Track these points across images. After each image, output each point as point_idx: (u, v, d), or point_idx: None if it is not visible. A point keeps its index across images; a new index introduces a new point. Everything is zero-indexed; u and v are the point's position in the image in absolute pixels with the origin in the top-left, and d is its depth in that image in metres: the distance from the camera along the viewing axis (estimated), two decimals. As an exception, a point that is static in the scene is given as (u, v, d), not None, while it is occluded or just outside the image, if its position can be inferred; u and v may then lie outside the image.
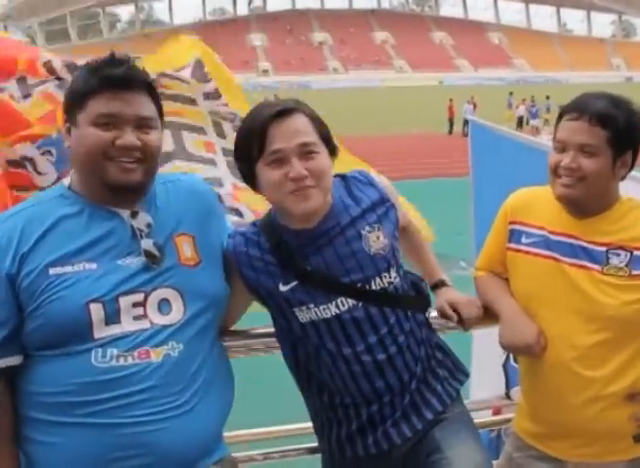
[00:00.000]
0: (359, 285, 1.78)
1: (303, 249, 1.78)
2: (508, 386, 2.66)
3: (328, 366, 1.83)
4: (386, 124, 31.47)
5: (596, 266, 1.86)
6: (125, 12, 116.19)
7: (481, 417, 3.21)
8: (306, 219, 1.76)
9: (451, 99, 29.04)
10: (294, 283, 1.78)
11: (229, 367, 1.84)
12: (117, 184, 1.63)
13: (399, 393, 1.85)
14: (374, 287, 1.80)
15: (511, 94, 33.14)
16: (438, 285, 2.03)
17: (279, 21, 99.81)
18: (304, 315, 1.80)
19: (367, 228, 1.81)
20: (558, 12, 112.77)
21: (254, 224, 1.87)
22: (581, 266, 1.87)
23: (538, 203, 2.01)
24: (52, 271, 1.57)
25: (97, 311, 1.57)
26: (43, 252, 1.58)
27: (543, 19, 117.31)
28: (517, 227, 2.01)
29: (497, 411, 3.19)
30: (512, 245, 2.01)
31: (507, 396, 2.68)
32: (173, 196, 1.76)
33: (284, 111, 1.70)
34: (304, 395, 1.95)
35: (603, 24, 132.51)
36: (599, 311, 1.84)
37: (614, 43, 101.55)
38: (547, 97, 31.06)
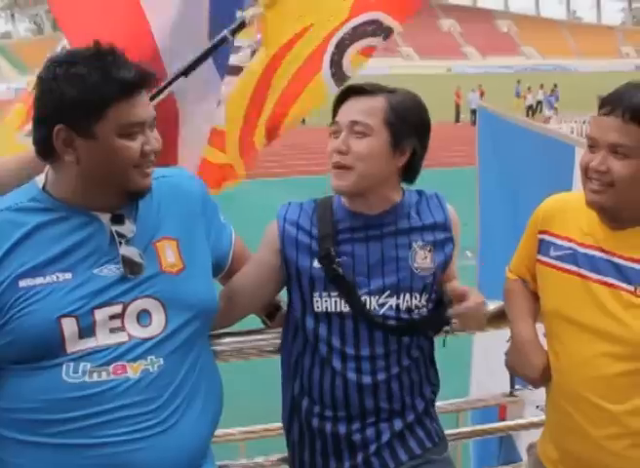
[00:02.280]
0: (388, 292, 1.72)
1: (353, 233, 1.75)
2: (513, 385, 2.59)
3: (322, 363, 1.74)
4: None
5: (628, 286, 1.63)
6: None
7: (486, 414, 3.19)
8: (350, 199, 1.75)
9: (458, 87, 28.86)
10: None
11: (217, 375, 1.73)
12: (138, 190, 1.53)
13: (388, 418, 1.76)
14: (401, 302, 1.73)
15: (519, 82, 32.89)
16: None
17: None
18: (322, 304, 1.73)
19: (420, 243, 1.76)
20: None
21: (314, 200, 1.84)
22: (611, 285, 1.65)
23: (570, 210, 1.78)
24: (22, 284, 1.45)
25: (69, 325, 1.45)
26: (14, 264, 1.45)
27: (552, 6, 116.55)
28: (547, 238, 1.80)
29: (502, 410, 3.15)
30: (541, 257, 1.81)
31: (511, 394, 2.62)
32: (155, 196, 1.62)
33: (361, 90, 1.72)
34: (284, 404, 1.86)
35: (613, 12, 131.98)
36: (627, 337, 1.62)
37: (623, 31, 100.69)
38: (555, 86, 30.85)
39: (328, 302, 1.73)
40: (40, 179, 1.56)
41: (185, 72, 2.43)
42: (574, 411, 1.73)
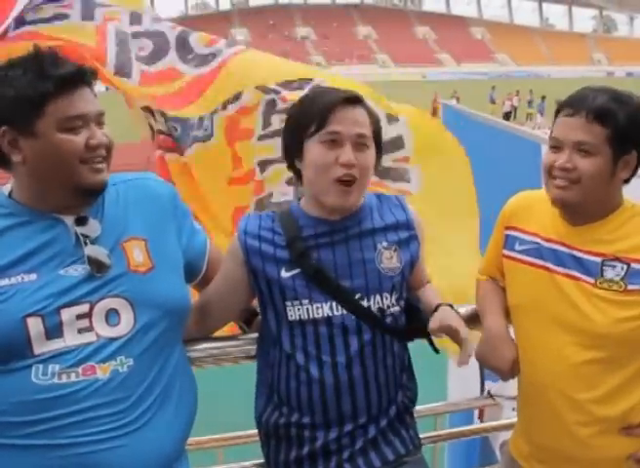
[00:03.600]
0: (358, 295, 1.73)
1: (318, 238, 1.75)
2: (483, 388, 2.62)
3: (299, 372, 1.74)
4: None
5: (589, 278, 1.71)
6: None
7: (464, 417, 3.21)
8: (340, 212, 1.75)
9: (435, 94, 29.04)
10: (296, 270, 1.72)
11: (191, 378, 1.73)
12: (90, 187, 1.53)
13: (363, 425, 1.76)
14: (372, 303, 1.74)
15: (493, 88, 33.17)
16: (436, 309, 1.87)
17: (262, 16, 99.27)
18: (295, 312, 1.74)
19: (384, 243, 1.78)
20: (540, 6, 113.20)
21: (271, 211, 1.85)
22: (574, 277, 1.73)
23: (535, 207, 1.86)
24: None
25: (35, 325, 1.44)
26: None
27: (526, 13, 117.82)
28: (512, 233, 1.88)
29: (481, 414, 3.17)
30: (506, 251, 1.89)
31: (489, 395, 2.65)
32: (122, 198, 1.64)
33: (352, 99, 1.72)
34: (260, 411, 1.85)
35: (584, 19, 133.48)
36: (590, 327, 1.69)
37: (595, 38, 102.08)
38: (531, 92, 31.18)
39: (301, 311, 1.73)
40: (7, 187, 1.58)
41: None
42: (542, 402, 1.78)
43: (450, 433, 2.58)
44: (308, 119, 1.71)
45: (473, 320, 2.00)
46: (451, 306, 1.84)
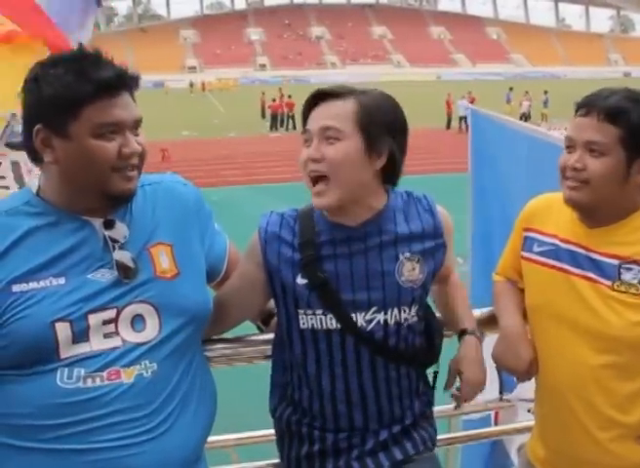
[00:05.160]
0: (374, 308, 1.66)
1: (335, 247, 1.67)
2: (502, 391, 2.60)
3: (310, 381, 1.72)
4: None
5: (606, 281, 1.67)
6: (122, 6, 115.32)
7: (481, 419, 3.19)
8: (331, 214, 1.67)
9: (449, 95, 28.97)
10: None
11: (211, 379, 1.73)
12: (119, 195, 1.51)
13: (374, 431, 1.73)
14: (389, 317, 1.67)
15: (511, 89, 33.00)
16: (462, 333, 1.83)
17: (277, 16, 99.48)
18: (307, 321, 1.68)
19: (407, 254, 1.67)
20: (556, 6, 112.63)
21: (295, 209, 1.76)
22: (590, 279, 1.69)
23: (554, 209, 1.82)
24: (15, 288, 1.44)
25: (63, 330, 1.44)
26: (6, 268, 1.45)
27: (542, 13, 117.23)
28: (531, 235, 1.85)
29: (496, 416, 3.15)
30: (525, 253, 1.85)
31: (502, 399, 2.62)
32: (150, 201, 1.62)
33: (329, 94, 1.64)
34: (274, 405, 1.84)
35: (601, 20, 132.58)
36: (605, 330, 1.66)
37: (612, 38, 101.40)
38: (545, 92, 31.00)
39: (313, 320, 1.67)
40: (35, 184, 1.57)
41: None
42: (559, 405, 1.76)
43: (466, 435, 2.55)
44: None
45: (490, 322, 1.97)
46: (476, 335, 1.79)
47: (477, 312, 2.01)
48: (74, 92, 1.42)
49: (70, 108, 1.43)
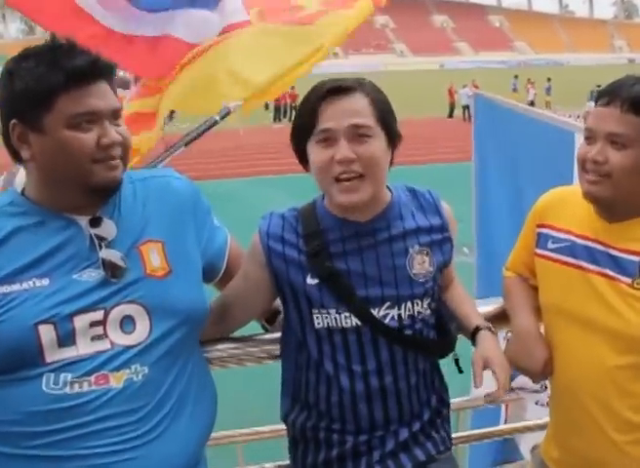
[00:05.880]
0: (388, 303, 1.63)
1: (344, 243, 1.63)
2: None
3: (329, 380, 1.66)
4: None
5: (625, 278, 1.60)
6: None
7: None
8: (352, 211, 1.61)
9: (451, 83, 28.84)
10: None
11: (209, 380, 1.67)
12: (102, 185, 1.44)
13: (395, 431, 1.70)
14: (402, 311, 1.64)
15: (516, 77, 32.83)
16: (475, 331, 1.78)
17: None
18: (322, 320, 1.63)
19: (416, 247, 1.65)
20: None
21: (294, 209, 1.71)
22: (609, 276, 1.62)
23: (569, 203, 1.75)
24: None
25: (47, 333, 1.37)
26: None
27: (544, 0, 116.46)
28: (545, 231, 1.77)
29: (507, 406, 3.12)
30: (539, 250, 1.78)
31: (511, 388, 2.59)
32: (140, 197, 1.55)
33: (340, 89, 1.56)
34: (286, 411, 1.78)
35: (605, 6, 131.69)
36: (624, 329, 1.59)
37: (616, 24, 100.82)
38: (549, 80, 30.84)
39: (328, 318, 1.63)
40: (21, 183, 1.52)
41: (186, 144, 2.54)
42: (575, 406, 1.70)
43: (480, 433, 2.50)
44: (301, 122, 1.60)
45: (500, 318, 1.92)
46: (490, 329, 1.75)
47: (489, 308, 1.96)
48: (46, 83, 1.37)
49: (43, 100, 1.38)
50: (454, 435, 1.92)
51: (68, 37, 1.44)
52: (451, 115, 28.37)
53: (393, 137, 1.61)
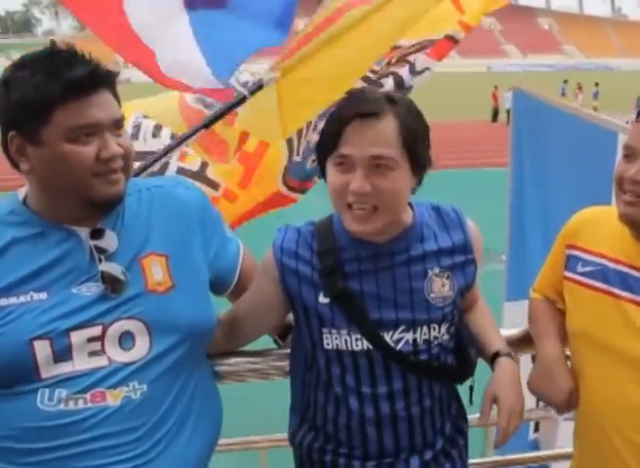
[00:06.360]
0: (403, 326, 1.56)
1: (360, 263, 1.57)
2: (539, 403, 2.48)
3: (337, 401, 1.60)
4: (432, 111, 31.00)
5: None
6: None
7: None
8: (365, 237, 1.54)
9: (495, 87, 28.44)
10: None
11: (215, 396, 1.62)
12: (103, 200, 1.40)
13: (405, 459, 1.62)
14: (418, 336, 1.57)
15: (566, 81, 32.24)
16: (495, 357, 1.69)
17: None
18: (332, 341, 1.58)
19: (436, 270, 1.57)
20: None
21: (311, 223, 1.64)
22: None
23: (603, 224, 1.63)
24: None
25: (42, 349, 1.34)
26: None
27: (596, 3, 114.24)
28: (574, 253, 1.67)
29: (537, 423, 3.02)
30: (568, 273, 1.67)
31: (538, 405, 2.50)
32: (145, 207, 1.50)
33: (372, 113, 1.44)
34: (293, 430, 1.73)
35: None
36: None
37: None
38: (596, 84, 30.22)
39: (338, 340, 1.57)
40: (22, 191, 1.48)
41: (206, 125, 2.38)
42: (600, 441, 1.60)
43: (505, 460, 2.39)
44: (324, 137, 1.51)
45: (524, 343, 1.83)
46: (510, 355, 1.65)
47: (513, 332, 1.87)
48: (43, 94, 1.32)
49: (40, 112, 1.33)
50: (475, 460, 1.82)
51: (68, 44, 1.39)
52: (494, 119, 27.99)
53: (419, 163, 1.50)
